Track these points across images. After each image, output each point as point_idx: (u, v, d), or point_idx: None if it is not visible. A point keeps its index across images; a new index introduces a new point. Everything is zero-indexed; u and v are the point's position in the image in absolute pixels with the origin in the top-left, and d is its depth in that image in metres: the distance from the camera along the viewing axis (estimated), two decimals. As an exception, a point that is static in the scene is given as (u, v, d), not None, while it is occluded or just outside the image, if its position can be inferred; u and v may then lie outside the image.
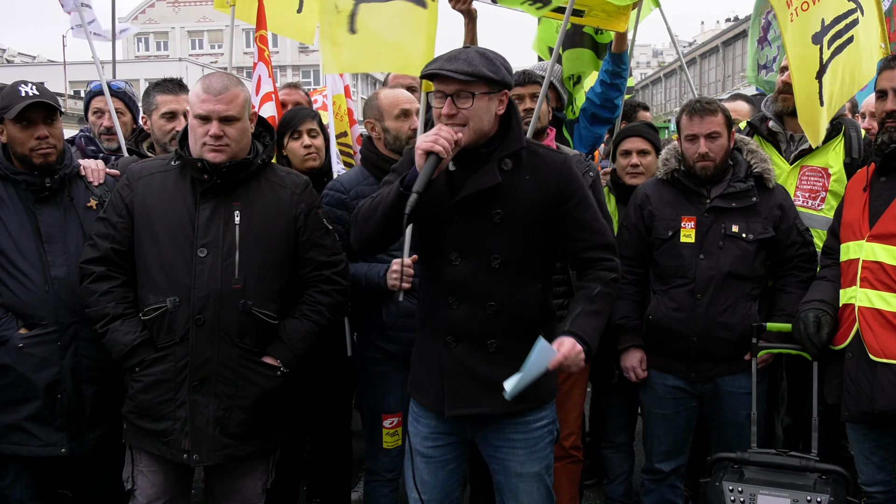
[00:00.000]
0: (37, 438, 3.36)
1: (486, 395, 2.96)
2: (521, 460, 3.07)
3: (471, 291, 2.94)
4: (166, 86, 4.22)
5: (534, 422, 3.08)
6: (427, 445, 3.12)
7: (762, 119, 4.33)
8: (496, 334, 2.96)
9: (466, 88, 2.79)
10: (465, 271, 2.93)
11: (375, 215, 2.88)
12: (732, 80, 46.12)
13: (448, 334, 2.98)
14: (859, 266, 3.38)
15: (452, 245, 2.93)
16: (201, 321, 3.14)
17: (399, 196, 2.77)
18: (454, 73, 2.75)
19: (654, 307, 3.93)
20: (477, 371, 2.96)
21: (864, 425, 3.43)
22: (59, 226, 3.44)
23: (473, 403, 2.99)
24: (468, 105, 2.81)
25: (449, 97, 2.80)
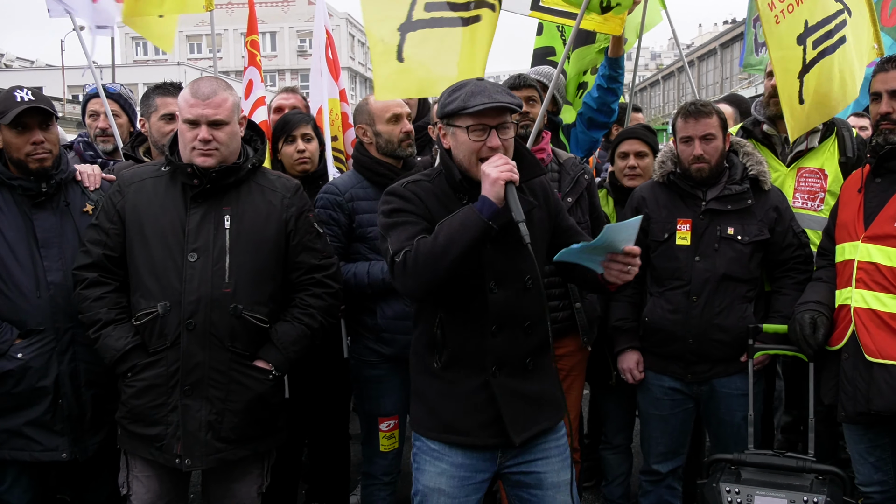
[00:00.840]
0: (38, 443, 3.36)
1: (538, 411, 3.01)
2: (556, 469, 3.07)
3: (510, 316, 2.94)
4: (166, 88, 4.23)
5: (560, 428, 3.12)
6: (454, 484, 3.02)
7: (755, 123, 4.34)
8: (531, 352, 2.99)
9: (506, 120, 2.83)
10: (504, 297, 2.92)
11: (449, 256, 2.71)
12: (730, 83, 46.18)
13: (493, 364, 2.94)
14: (855, 267, 3.38)
15: (490, 273, 2.91)
16: (192, 326, 3.14)
17: (486, 230, 2.70)
18: (512, 104, 2.79)
19: (651, 309, 3.93)
20: (524, 391, 2.98)
21: (861, 426, 3.43)
22: (56, 231, 3.44)
23: (534, 422, 3.00)
24: (510, 135, 2.85)
25: (493, 129, 2.81)
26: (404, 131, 3.91)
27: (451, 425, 2.98)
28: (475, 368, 2.94)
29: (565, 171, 4.06)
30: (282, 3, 60.33)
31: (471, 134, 2.82)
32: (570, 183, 4.02)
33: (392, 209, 2.94)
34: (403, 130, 3.91)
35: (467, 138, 2.83)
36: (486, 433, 2.95)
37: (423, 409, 3.06)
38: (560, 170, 4.08)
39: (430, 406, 3.02)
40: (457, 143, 2.88)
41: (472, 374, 2.94)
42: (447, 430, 2.99)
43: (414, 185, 2.98)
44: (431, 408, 3.02)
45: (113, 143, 4.77)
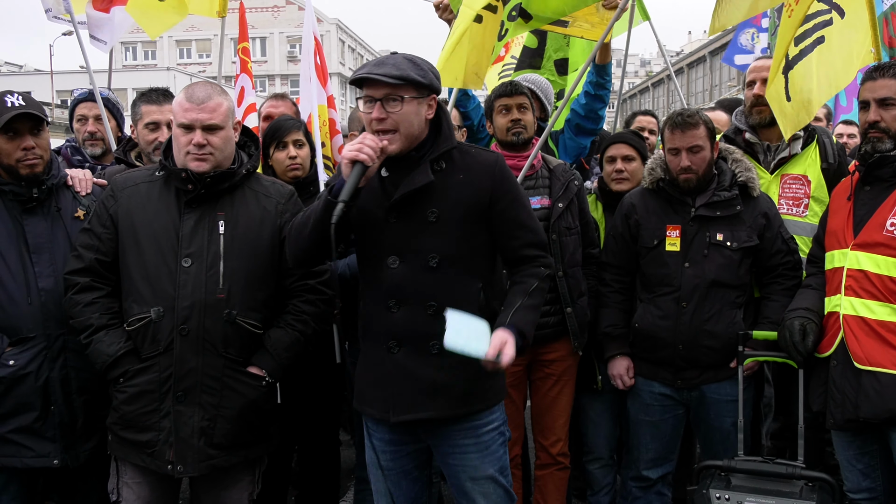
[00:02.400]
0: (29, 450, 3.34)
1: (429, 398, 2.98)
2: (474, 465, 3.07)
3: (411, 293, 2.94)
4: (150, 96, 4.20)
5: (482, 425, 3.08)
6: (386, 458, 3.10)
7: (737, 131, 4.37)
8: (437, 335, 2.89)
9: (395, 92, 2.84)
10: (404, 273, 2.94)
11: (306, 228, 2.89)
12: (720, 90, 46.37)
13: (390, 339, 2.98)
14: (844, 274, 3.40)
15: (390, 248, 2.95)
16: (185, 331, 3.13)
17: (327, 205, 2.80)
18: (383, 76, 2.80)
19: (641, 315, 3.95)
20: (419, 375, 2.97)
21: (849, 432, 3.45)
22: (47, 236, 3.42)
23: (418, 408, 2.99)
24: (397, 109, 2.85)
25: (378, 102, 2.84)
26: None
27: (361, 395, 3.12)
28: (378, 343, 3.01)
29: (555, 177, 4.08)
30: (272, 9, 60.29)
31: (363, 105, 2.90)
32: (560, 188, 4.04)
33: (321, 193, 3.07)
34: None
35: (363, 108, 2.91)
36: (381, 407, 3.02)
37: (356, 381, 3.20)
38: (550, 176, 4.10)
39: (357, 376, 3.19)
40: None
41: (376, 348, 3.03)
42: (359, 399, 3.13)
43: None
44: (357, 377, 3.18)
45: (101, 146, 4.75)
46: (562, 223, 4.00)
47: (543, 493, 4.21)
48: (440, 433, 3.06)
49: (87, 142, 4.82)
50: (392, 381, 2.99)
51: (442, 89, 3.06)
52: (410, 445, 3.12)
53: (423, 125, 2.94)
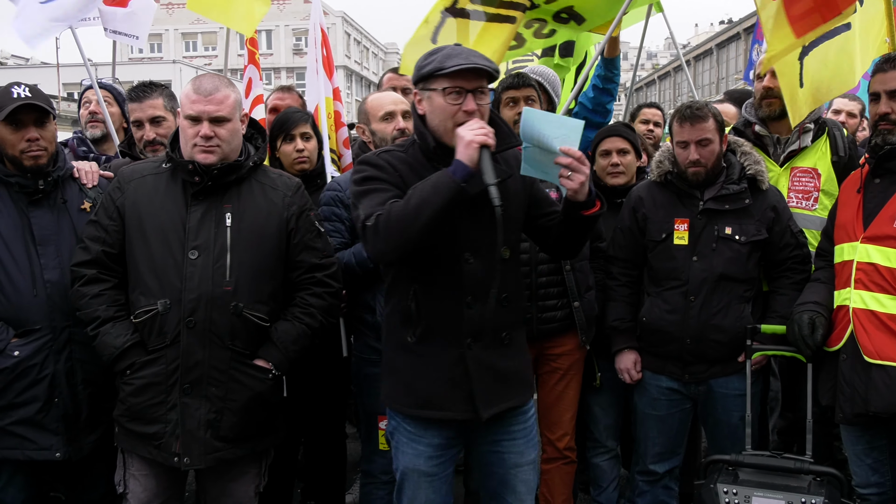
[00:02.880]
0: (31, 442, 3.34)
1: (508, 387, 3.02)
2: (520, 450, 3.11)
3: (486, 287, 2.91)
4: (132, 93, 4.17)
5: (527, 410, 3.13)
6: (432, 464, 3.07)
7: (747, 124, 4.34)
8: (507, 326, 2.99)
9: (483, 85, 2.82)
10: (480, 268, 2.92)
11: (420, 219, 2.70)
12: (727, 83, 46.23)
13: (467, 336, 2.94)
14: (853, 268, 3.38)
15: (465, 243, 2.91)
16: (192, 324, 3.13)
17: (459, 192, 2.68)
18: (487, 66, 2.79)
19: (648, 309, 3.93)
20: (498, 366, 2.99)
21: (859, 427, 3.43)
22: (53, 228, 3.42)
23: (503, 399, 3.01)
24: (486, 101, 2.83)
25: (469, 93, 2.80)
26: (398, 129, 3.90)
27: (427, 400, 2.99)
28: (450, 341, 2.95)
29: None
30: (277, 2, 60.22)
31: (447, 97, 2.81)
32: None
33: (363, 177, 2.93)
34: (397, 128, 3.90)
35: (443, 101, 2.82)
36: (461, 407, 2.97)
37: (398, 385, 3.07)
38: None
39: (406, 382, 3.04)
40: (432, 107, 2.87)
41: (447, 348, 2.95)
42: (424, 405, 3.00)
43: (387, 154, 2.99)
44: (407, 383, 3.03)
45: (102, 129, 4.76)
46: None
47: (550, 486, 4.20)
48: (498, 423, 3.06)
49: (89, 123, 4.84)
50: (475, 377, 2.95)
51: None
52: (455, 448, 3.12)
53: None
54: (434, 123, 2.88)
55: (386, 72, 5.69)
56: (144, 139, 4.05)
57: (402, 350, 3.03)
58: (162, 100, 4.11)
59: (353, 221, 3.05)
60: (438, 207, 2.69)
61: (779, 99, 4.10)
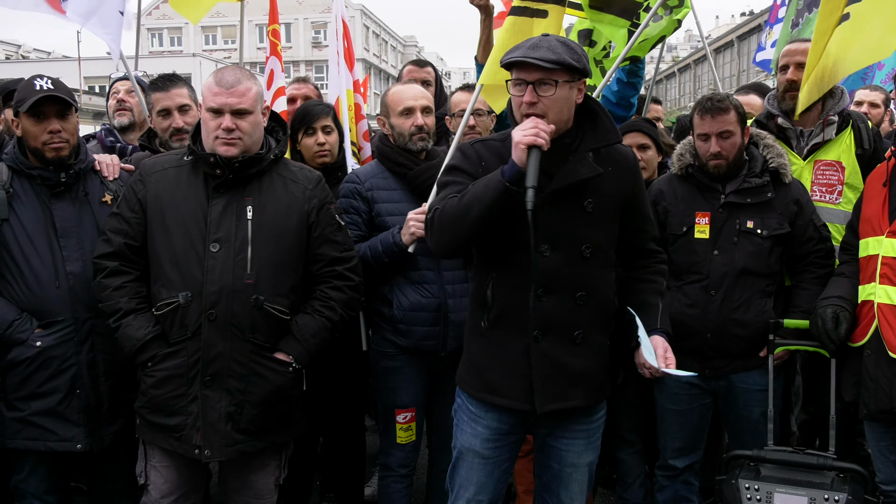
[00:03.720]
0: (53, 433, 3.37)
1: (574, 387, 3.00)
2: (578, 451, 3.11)
3: (562, 282, 2.92)
4: (157, 83, 4.16)
5: (596, 412, 3.13)
6: (488, 447, 3.09)
7: (769, 116, 4.29)
8: (582, 324, 2.97)
9: (549, 77, 2.78)
10: (557, 262, 2.91)
11: (470, 216, 2.77)
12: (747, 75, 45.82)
13: (535, 328, 2.93)
14: (879, 262, 3.34)
15: (543, 236, 2.89)
16: (213, 316, 3.14)
17: (505, 192, 2.71)
18: (539, 60, 2.74)
19: (668, 303, 3.89)
20: (565, 363, 2.97)
21: (883, 423, 3.40)
22: (74, 220, 3.44)
23: (564, 397, 2.99)
24: (551, 94, 2.79)
25: (530, 85, 2.79)
26: (416, 125, 3.87)
27: (490, 385, 3.03)
28: (518, 332, 2.95)
29: None
30: (297, -5, 60.37)
31: (513, 88, 2.84)
32: None
33: (450, 166, 3.01)
34: (415, 124, 3.88)
35: (513, 93, 2.85)
36: (520, 398, 2.98)
37: (468, 365, 3.13)
38: None
39: (475, 363, 3.09)
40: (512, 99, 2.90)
41: (516, 337, 2.97)
42: (487, 389, 3.04)
43: (482, 143, 3.03)
44: (476, 365, 3.08)
45: (129, 117, 4.78)
46: None
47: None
48: (559, 419, 3.06)
49: (116, 112, 4.86)
50: (537, 371, 2.95)
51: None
52: (515, 435, 3.12)
53: (572, 111, 2.90)
54: (514, 113, 2.90)
55: (406, 64, 5.69)
56: (173, 127, 4.05)
57: (476, 333, 3.07)
58: (186, 89, 4.12)
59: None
60: (486, 206, 2.74)
61: None
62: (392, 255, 3.71)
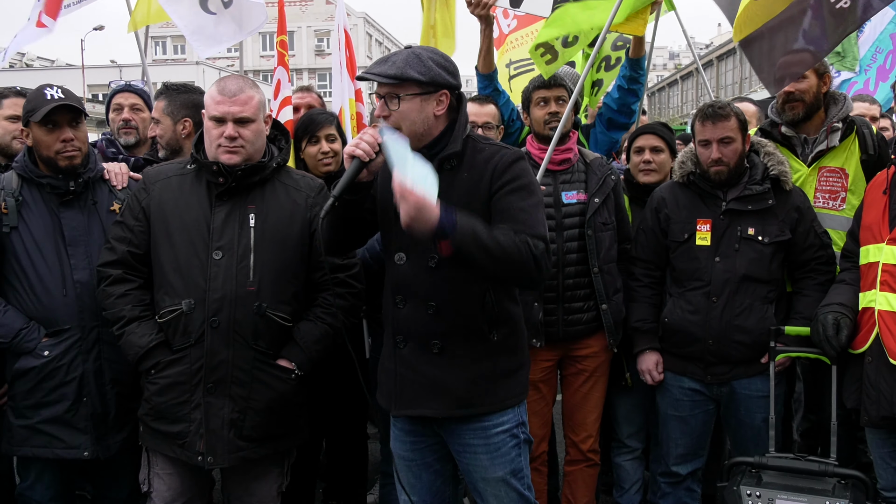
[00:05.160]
0: (60, 441, 3.39)
1: (430, 396, 2.97)
2: (483, 465, 3.04)
3: (414, 291, 2.95)
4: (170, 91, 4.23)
5: (492, 427, 3.02)
6: (406, 448, 3.14)
7: (773, 124, 4.31)
8: (438, 335, 2.93)
9: (394, 91, 2.82)
10: (409, 271, 2.95)
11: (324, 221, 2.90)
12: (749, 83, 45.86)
13: (397, 334, 3.01)
14: (879, 269, 3.35)
15: (398, 245, 2.96)
16: (216, 323, 3.15)
17: (332, 202, 2.81)
18: (377, 75, 2.81)
19: (670, 310, 3.92)
20: (422, 371, 2.97)
21: (884, 430, 3.40)
22: (83, 229, 3.47)
23: (418, 404, 3.00)
24: (396, 107, 2.82)
25: (382, 99, 2.84)
26: None
27: (379, 385, 3.15)
28: (390, 336, 3.06)
29: (592, 172, 4.05)
30: (300, 3, 60.47)
31: (377, 100, 2.90)
32: (597, 183, 4.01)
33: None
34: None
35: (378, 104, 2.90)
36: (384, 400, 3.09)
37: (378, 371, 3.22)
38: (587, 170, 4.07)
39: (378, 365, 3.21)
40: None
41: (388, 342, 3.09)
42: (379, 390, 3.15)
43: None
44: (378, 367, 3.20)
45: (135, 135, 4.78)
46: (597, 219, 3.98)
47: (573, 488, 4.20)
48: (450, 431, 3.06)
49: (122, 130, 4.85)
50: (398, 375, 3.02)
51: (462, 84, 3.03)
52: (429, 438, 3.12)
53: (432, 122, 2.88)
54: None
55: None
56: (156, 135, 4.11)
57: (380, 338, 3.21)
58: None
59: None
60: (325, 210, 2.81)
61: (801, 102, 4.07)
62: (378, 259, 3.70)
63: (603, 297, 3.96)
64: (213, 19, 5.39)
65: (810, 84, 4.06)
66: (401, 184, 2.51)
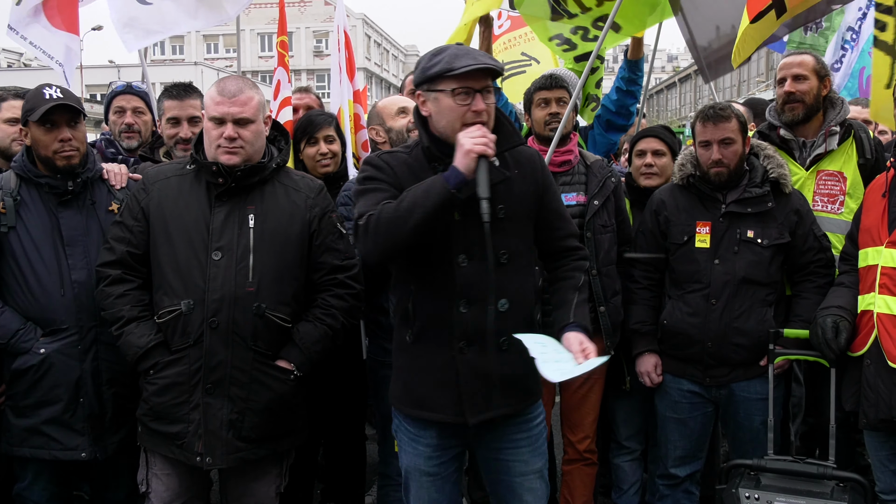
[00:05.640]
0: (58, 442, 3.38)
1: (502, 396, 2.96)
2: (525, 459, 3.06)
3: (481, 291, 2.88)
4: (172, 91, 4.19)
5: (533, 419, 3.08)
6: (432, 464, 3.06)
7: (772, 127, 4.31)
8: (506, 331, 2.90)
9: (489, 84, 2.82)
10: (473, 272, 2.88)
11: (411, 221, 2.71)
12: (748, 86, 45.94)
13: (460, 339, 2.91)
14: (878, 272, 3.35)
15: (459, 246, 2.88)
16: (215, 324, 3.15)
17: (450, 199, 2.69)
18: (493, 65, 2.78)
19: (669, 312, 3.92)
20: (492, 373, 2.92)
21: (883, 432, 3.41)
22: (81, 229, 3.46)
23: (495, 406, 2.96)
24: (492, 101, 2.82)
25: (478, 93, 2.78)
26: (411, 121, 3.94)
27: (421, 400, 2.99)
28: (442, 344, 2.92)
29: (592, 174, 4.06)
30: (298, 4, 60.51)
31: (456, 97, 2.79)
32: (597, 185, 4.02)
33: (364, 177, 2.94)
34: (412, 121, 3.94)
35: (452, 102, 2.80)
36: (450, 410, 2.95)
37: (398, 382, 3.09)
38: (587, 172, 4.08)
39: (404, 380, 3.05)
40: (439, 108, 2.84)
41: (440, 350, 2.93)
42: (418, 405, 3.00)
43: (389, 155, 2.99)
44: (405, 382, 3.04)
45: (137, 139, 4.77)
46: (597, 221, 3.98)
47: (570, 488, 4.20)
48: (495, 431, 3.03)
49: (124, 133, 4.83)
50: (464, 382, 2.92)
51: None
52: (455, 449, 3.09)
53: None
54: (441, 124, 2.86)
55: (408, 74, 5.71)
56: (180, 136, 4.09)
57: (401, 349, 3.05)
58: (199, 101, 4.14)
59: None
60: (428, 212, 2.70)
61: (801, 103, 4.08)
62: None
63: (601, 300, 3.96)
64: (146, 10, 5.26)
65: (811, 86, 4.08)
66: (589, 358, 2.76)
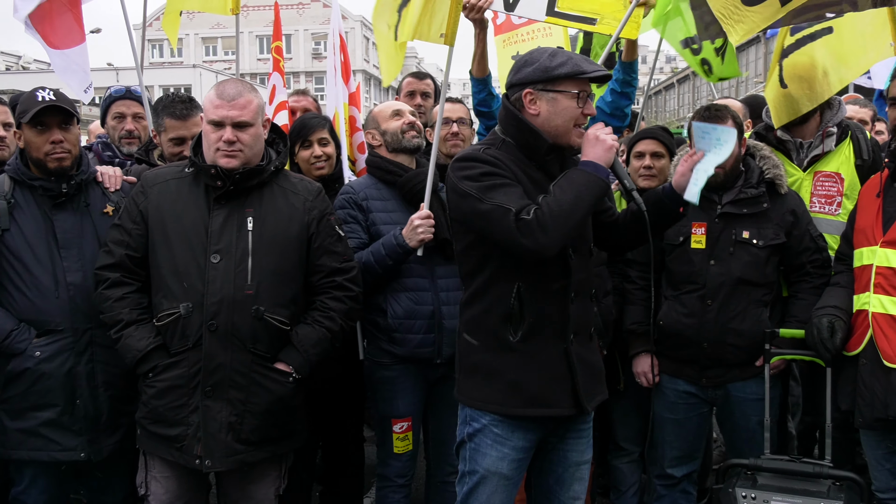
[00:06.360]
0: (56, 443, 3.39)
1: (600, 381, 3.13)
2: (581, 449, 3.17)
3: (583, 283, 3.05)
4: (174, 109, 4.00)
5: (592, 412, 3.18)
6: (513, 468, 3.07)
7: (768, 128, 4.32)
8: (592, 322, 3.14)
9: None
10: (578, 265, 3.02)
11: (579, 211, 2.83)
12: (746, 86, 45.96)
13: (571, 331, 3.00)
14: (873, 272, 3.37)
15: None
16: (214, 327, 3.16)
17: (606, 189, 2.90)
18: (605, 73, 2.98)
19: (665, 312, 3.93)
20: (590, 361, 3.10)
21: (879, 431, 3.42)
22: (76, 231, 3.46)
23: (599, 392, 3.13)
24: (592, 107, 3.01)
25: (590, 98, 2.96)
26: (407, 122, 3.98)
27: (533, 398, 2.98)
28: (555, 337, 2.99)
29: None
30: (297, 6, 60.51)
31: (578, 100, 2.93)
32: None
33: (481, 173, 2.92)
34: (406, 122, 3.97)
35: (573, 104, 2.92)
36: (567, 403, 3.02)
37: (500, 384, 3.00)
38: None
39: (509, 382, 2.98)
40: (555, 108, 2.94)
41: (554, 344, 2.99)
42: (530, 403, 2.98)
43: (486, 152, 3.00)
44: (511, 383, 2.98)
45: (137, 145, 4.74)
46: None
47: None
48: (572, 422, 3.12)
49: (124, 139, 4.81)
50: (577, 372, 3.01)
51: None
52: (533, 450, 3.14)
53: None
54: (554, 123, 2.95)
55: (405, 76, 5.71)
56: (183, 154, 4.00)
57: (504, 349, 2.98)
58: (201, 115, 4.07)
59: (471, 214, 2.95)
60: (591, 204, 2.87)
61: None
62: (396, 256, 3.72)
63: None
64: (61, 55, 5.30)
65: None
66: None
